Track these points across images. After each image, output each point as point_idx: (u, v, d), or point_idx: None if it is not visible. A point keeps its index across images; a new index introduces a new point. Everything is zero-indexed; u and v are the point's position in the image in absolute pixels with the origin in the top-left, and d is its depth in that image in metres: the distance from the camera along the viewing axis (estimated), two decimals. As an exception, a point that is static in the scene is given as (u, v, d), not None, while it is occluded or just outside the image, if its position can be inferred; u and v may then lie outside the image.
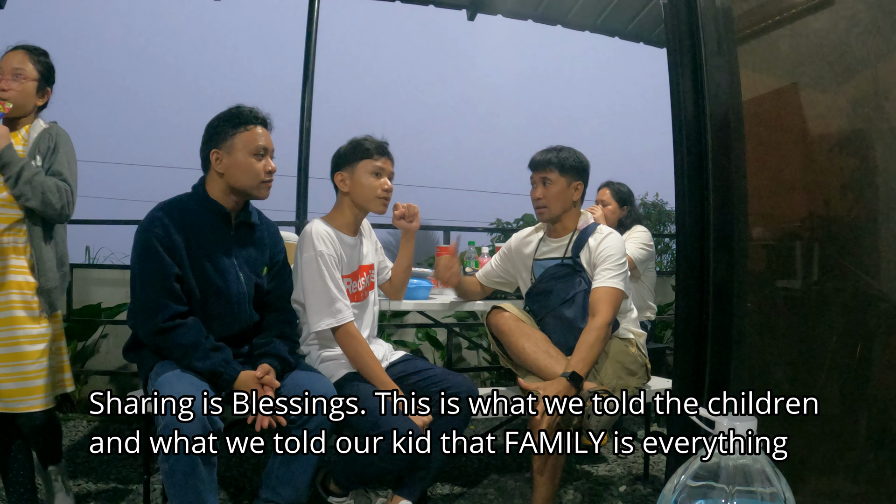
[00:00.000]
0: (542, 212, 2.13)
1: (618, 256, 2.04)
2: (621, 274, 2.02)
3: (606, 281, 2.00)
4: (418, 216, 2.16)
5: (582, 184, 2.14)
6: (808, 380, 1.15)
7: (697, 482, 0.71)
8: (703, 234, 1.15)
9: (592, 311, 1.98)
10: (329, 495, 2.00)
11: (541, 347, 1.96)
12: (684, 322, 1.21)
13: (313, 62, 3.86)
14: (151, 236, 1.69)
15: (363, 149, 2.00)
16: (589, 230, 2.13)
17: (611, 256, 2.03)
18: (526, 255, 2.24)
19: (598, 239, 2.09)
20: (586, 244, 2.09)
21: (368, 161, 2.00)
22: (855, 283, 1.08)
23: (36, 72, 1.91)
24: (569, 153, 2.12)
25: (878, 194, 1.09)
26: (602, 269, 2.02)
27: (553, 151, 2.13)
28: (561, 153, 2.12)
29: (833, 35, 1.13)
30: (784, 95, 1.19)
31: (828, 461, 1.12)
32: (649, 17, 4.16)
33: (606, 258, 2.03)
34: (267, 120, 1.84)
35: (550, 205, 2.11)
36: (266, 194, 1.83)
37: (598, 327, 1.93)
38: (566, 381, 1.81)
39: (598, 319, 1.94)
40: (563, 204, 2.12)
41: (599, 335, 1.92)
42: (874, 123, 1.11)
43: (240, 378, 1.69)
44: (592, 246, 2.08)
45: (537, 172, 2.13)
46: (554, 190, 2.10)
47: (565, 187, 2.11)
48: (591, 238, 2.10)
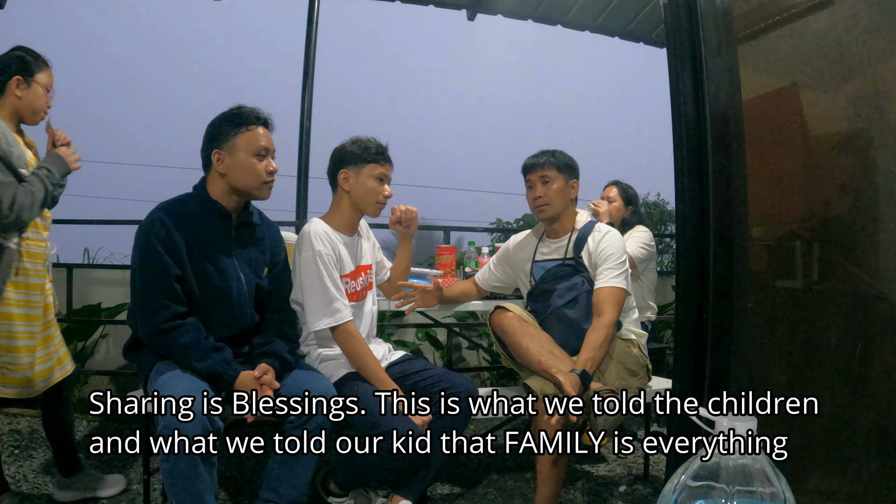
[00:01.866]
0: (543, 209, 2.13)
1: (619, 255, 2.05)
2: (623, 273, 2.03)
3: (609, 280, 2.00)
4: (416, 220, 2.15)
5: (577, 182, 2.17)
6: (808, 380, 1.15)
7: (697, 482, 0.71)
8: (703, 234, 1.15)
9: (597, 311, 1.98)
10: (329, 495, 2.00)
11: (545, 348, 1.95)
12: (684, 322, 1.21)
13: (313, 62, 3.85)
14: (152, 236, 1.69)
15: (371, 153, 2.00)
16: (587, 229, 2.13)
17: (612, 255, 2.04)
18: (524, 259, 2.24)
19: (596, 238, 2.09)
20: (586, 243, 2.10)
21: (375, 166, 2.00)
22: (855, 283, 1.08)
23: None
24: (561, 153, 2.15)
25: (878, 194, 1.09)
26: (604, 268, 2.03)
27: (546, 154, 2.15)
28: (555, 154, 2.14)
29: (833, 35, 1.13)
30: (784, 95, 1.19)
31: (828, 461, 1.12)
32: (649, 17, 4.16)
33: (608, 257, 2.04)
34: (268, 120, 1.84)
35: (552, 202, 2.11)
36: (267, 195, 1.83)
37: (604, 326, 1.93)
38: (578, 377, 1.81)
39: (605, 319, 1.95)
40: (563, 201, 2.13)
41: (606, 334, 1.92)
42: (874, 123, 1.11)
43: (240, 378, 1.69)
44: (592, 245, 2.09)
45: (535, 173, 2.14)
46: (554, 187, 2.11)
47: (564, 184, 2.13)
48: (590, 237, 2.10)
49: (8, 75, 1.85)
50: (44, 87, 1.92)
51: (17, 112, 1.89)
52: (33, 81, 1.89)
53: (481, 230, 6.06)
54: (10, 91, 1.86)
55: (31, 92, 1.89)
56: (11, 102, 1.87)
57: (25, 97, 1.88)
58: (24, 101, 1.88)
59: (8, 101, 1.87)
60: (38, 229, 1.95)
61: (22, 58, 1.87)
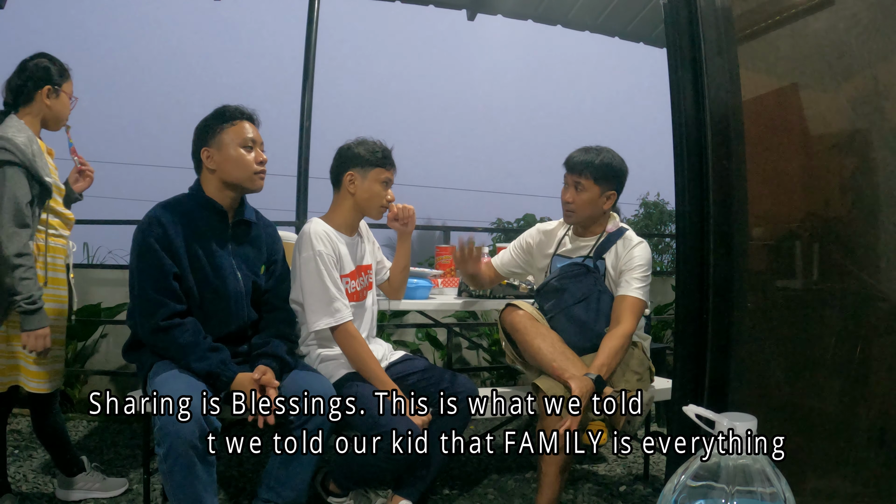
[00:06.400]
0: (568, 215, 2.10)
1: (645, 267, 2.03)
2: (647, 286, 2.02)
3: (633, 290, 1.99)
4: (413, 218, 2.15)
5: (615, 193, 2.08)
6: (808, 379, 1.15)
7: (697, 482, 0.71)
8: (703, 234, 1.15)
9: (617, 319, 1.96)
10: (329, 495, 2.00)
11: (557, 349, 1.93)
12: (684, 322, 1.21)
13: (313, 62, 3.86)
14: (150, 236, 1.69)
15: (378, 157, 2.00)
16: (617, 234, 2.10)
17: (639, 266, 2.02)
18: (548, 250, 2.21)
19: (626, 246, 2.07)
20: (613, 248, 2.08)
21: (382, 170, 2.00)
22: (855, 283, 1.08)
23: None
24: (608, 158, 2.04)
25: (878, 194, 1.09)
26: (630, 277, 2.01)
27: (592, 153, 2.04)
28: (600, 157, 2.03)
29: (833, 35, 1.13)
30: (784, 95, 1.19)
31: (828, 461, 1.12)
32: (649, 17, 4.17)
33: (635, 267, 2.02)
34: (253, 116, 1.85)
35: (579, 210, 2.07)
36: (260, 185, 1.83)
37: (622, 335, 1.92)
38: (592, 382, 1.79)
39: (623, 327, 1.93)
40: (592, 211, 2.08)
41: (623, 343, 1.91)
42: (874, 123, 1.11)
43: (237, 379, 1.69)
44: (621, 252, 2.06)
45: (572, 175, 2.06)
46: (585, 197, 2.04)
47: (597, 196, 2.05)
48: (620, 243, 2.08)
49: (38, 83, 1.89)
50: (69, 96, 1.97)
51: (44, 120, 1.93)
52: (61, 91, 1.94)
53: (481, 230, 6.07)
54: (39, 100, 1.90)
55: (59, 101, 1.93)
56: (40, 110, 1.91)
57: (53, 106, 1.92)
58: (52, 109, 1.92)
59: (36, 108, 1.90)
60: (59, 228, 1.98)
61: (49, 68, 1.91)
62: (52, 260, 1.95)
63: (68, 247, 2.04)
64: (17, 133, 1.80)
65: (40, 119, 1.92)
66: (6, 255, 1.73)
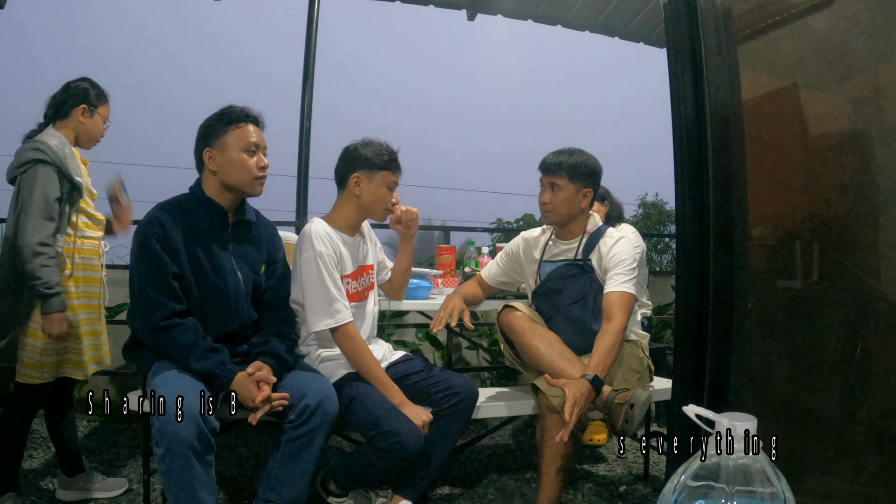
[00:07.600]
0: (547, 216, 2.12)
1: (630, 261, 2.03)
2: (633, 279, 2.02)
3: (619, 285, 1.99)
4: (416, 220, 2.13)
5: (591, 191, 2.10)
6: (808, 379, 1.15)
7: (697, 482, 0.71)
8: (703, 234, 1.15)
9: (607, 315, 1.97)
10: (329, 495, 2.00)
11: (555, 349, 1.93)
12: (684, 322, 1.21)
13: (313, 62, 3.85)
14: (150, 235, 1.70)
15: (385, 160, 1.99)
16: (598, 233, 2.11)
17: (623, 261, 2.02)
18: (533, 257, 2.23)
19: (608, 243, 2.07)
20: (597, 247, 2.08)
21: (388, 173, 2.00)
22: (855, 283, 1.08)
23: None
24: (581, 158, 2.07)
25: (878, 194, 1.09)
26: (615, 273, 2.01)
27: (565, 154, 2.08)
28: (573, 157, 2.06)
29: (833, 35, 1.13)
30: (784, 95, 1.19)
31: (828, 461, 1.12)
32: (649, 17, 4.16)
33: (619, 263, 2.02)
34: (258, 118, 1.84)
35: (556, 210, 2.08)
36: (259, 191, 1.83)
37: (614, 331, 1.92)
38: (588, 383, 1.80)
39: (615, 323, 1.93)
40: (569, 210, 2.09)
41: (616, 339, 1.91)
42: (874, 123, 1.11)
43: (235, 380, 1.68)
44: (604, 251, 2.07)
45: (547, 176, 2.09)
46: (561, 196, 2.07)
47: (573, 194, 2.07)
48: (602, 242, 2.09)
49: (76, 102, 2.02)
50: (103, 119, 2.10)
51: (77, 135, 2.06)
52: (96, 112, 2.07)
53: (481, 230, 6.06)
54: (74, 116, 2.03)
55: (93, 121, 2.06)
56: (75, 126, 2.04)
57: (87, 124, 2.05)
58: (86, 127, 2.05)
59: (71, 124, 2.03)
60: (87, 230, 2.07)
61: (88, 90, 2.05)
62: (83, 260, 2.04)
63: (101, 247, 2.14)
64: (51, 138, 1.94)
65: (74, 135, 2.04)
66: (29, 243, 1.82)
